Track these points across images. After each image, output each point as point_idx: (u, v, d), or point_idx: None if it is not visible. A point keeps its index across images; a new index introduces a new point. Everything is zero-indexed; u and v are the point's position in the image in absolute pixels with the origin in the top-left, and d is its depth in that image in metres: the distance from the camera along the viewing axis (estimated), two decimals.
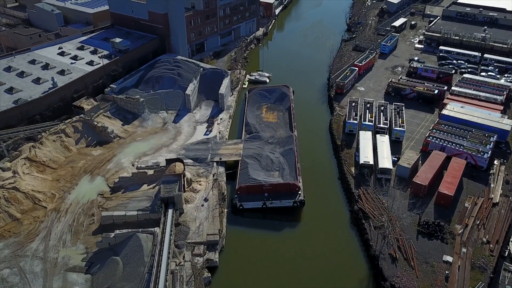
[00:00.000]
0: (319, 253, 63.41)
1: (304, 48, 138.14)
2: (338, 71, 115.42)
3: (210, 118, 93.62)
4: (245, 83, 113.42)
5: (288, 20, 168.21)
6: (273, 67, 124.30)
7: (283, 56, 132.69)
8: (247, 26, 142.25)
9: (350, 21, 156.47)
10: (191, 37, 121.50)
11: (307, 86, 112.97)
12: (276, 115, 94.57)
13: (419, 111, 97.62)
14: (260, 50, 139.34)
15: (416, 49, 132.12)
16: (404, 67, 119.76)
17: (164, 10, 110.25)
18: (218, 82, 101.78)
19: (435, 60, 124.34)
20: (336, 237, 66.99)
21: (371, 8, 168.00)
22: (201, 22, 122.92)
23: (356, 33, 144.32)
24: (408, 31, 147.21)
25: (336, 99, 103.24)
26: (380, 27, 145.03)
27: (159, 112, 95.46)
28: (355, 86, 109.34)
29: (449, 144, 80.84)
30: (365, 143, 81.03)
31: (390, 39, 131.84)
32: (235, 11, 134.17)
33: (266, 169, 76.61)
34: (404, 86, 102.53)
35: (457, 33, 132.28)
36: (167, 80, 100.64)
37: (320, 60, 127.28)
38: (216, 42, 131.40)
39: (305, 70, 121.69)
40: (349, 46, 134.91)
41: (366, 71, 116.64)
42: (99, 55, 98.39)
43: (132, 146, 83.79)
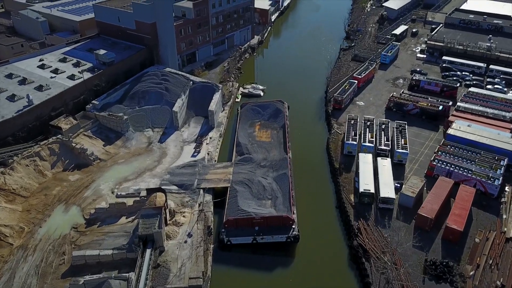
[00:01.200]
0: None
1: (301, 57, 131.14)
2: (336, 84, 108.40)
3: (198, 137, 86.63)
4: (238, 97, 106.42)
5: (285, 26, 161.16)
6: (268, 78, 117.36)
7: (279, 66, 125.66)
8: (241, 34, 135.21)
9: (349, 29, 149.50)
10: (182, 47, 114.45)
11: (303, 99, 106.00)
12: (269, 134, 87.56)
13: (422, 129, 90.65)
14: (255, 59, 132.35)
15: (418, 59, 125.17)
16: (405, 79, 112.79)
17: (151, 20, 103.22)
18: (208, 97, 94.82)
19: (438, 71, 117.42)
20: (334, 277, 60.05)
21: (370, 15, 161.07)
22: (192, 31, 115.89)
23: (355, 42, 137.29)
24: (409, 39, 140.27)
25: (334, 115, 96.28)
26: (380, 35, 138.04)
27: (144, 130, 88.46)
28: (354, 100, 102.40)
29: (456, 168, 73.94)
30: (365, 168, 74.10)
31: (391, 48, 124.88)
32: (228, 19, 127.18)
33: (257, 197, 69.63)
34: (406, 102, 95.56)
35: (461, 42, 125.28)
36: (154, 95, 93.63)
37: (317, 70, 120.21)
38: (208, 52, 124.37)
39: (302, 82, 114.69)
40: (348, 55, 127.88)
41: (366, 83, 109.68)
42: (80, 70, 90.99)
43: (113, 170, 76.74)
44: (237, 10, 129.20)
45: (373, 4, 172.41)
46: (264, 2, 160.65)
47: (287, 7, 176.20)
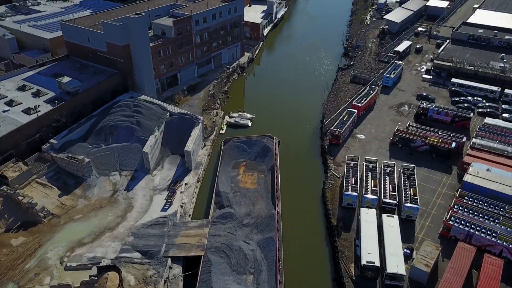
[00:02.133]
0: None
1: (295, 76, 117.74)
2: (334, 112, 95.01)
3: (172, 183, 73.22)
4: (223, 128, 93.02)
5: (278, 41, 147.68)
6: (258, 103, 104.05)
7: (271, 87, 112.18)
8: (229, 52, 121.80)
9: (347, 44, 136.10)
10: (161, 69, 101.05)
11: (296, 130, 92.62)
12: (256, 178, 74.12)
13: (433, 171, 77.33)
14: (245, 79, 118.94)
15: (424, 80, 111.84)
16: (411, 105, 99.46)
17: (124, 42, 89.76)
18: (187, 132, 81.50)
19: (446, 95, 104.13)
20: None
21: (370, 28, 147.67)
22: (172, 51, 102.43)
23: (354, 60, 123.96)
24: (413, 56, 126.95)
25: (331, 151, 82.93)
26: (382, 52, 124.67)
27: (110, 173, 75.04)
28: (353, 132, 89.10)
29: (477, 229, 60.63)
30: (368, 229, 60.78)
31: (394, 69, 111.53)
32: (214, 36, 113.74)
33: (237, 271, 56.21)
34: (413, 137, 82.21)
35: (471, 61, 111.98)
36: (124, 131, 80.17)
37: (313, 93, 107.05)
38: (192, 73, 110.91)
39: (295, 107, 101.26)
40: (347, 76, 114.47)
41: (367, 111, 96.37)
42: (34, 106, 77.06)
43: (67, 230, 63.36)
44: (224, 26, 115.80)
45: (373, 16, 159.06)
46: (256, 14, 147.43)
47: (281, 18, 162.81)
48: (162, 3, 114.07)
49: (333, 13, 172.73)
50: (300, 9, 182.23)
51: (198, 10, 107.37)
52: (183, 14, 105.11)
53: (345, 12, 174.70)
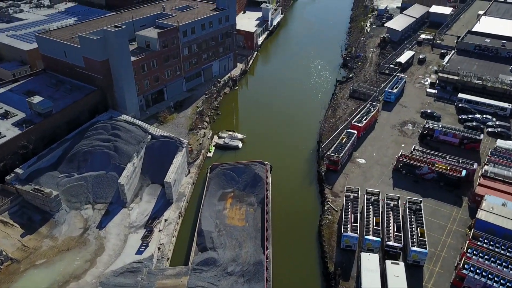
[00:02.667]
0: None
1: (291, 90, 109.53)
2: (331, 133, 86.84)
3: (150, 220, 64.99)
4: (211, 150, 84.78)
5: (274, 50, 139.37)
6: (250, 121, 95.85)
7: (264, 103, 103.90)
8: (221, 64, 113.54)
9: (346, 54, 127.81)
10: (145, 85, 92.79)
11: (291, 152, 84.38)
12: (244, 213, 65.92)
13: (441, 203, 69.13)
14: (238, 93, 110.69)
15: (428, 94, 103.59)
16: (415, 123, 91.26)
17: (102, 57, 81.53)
18: (169, 157, 73.41)
19: (453, 112, 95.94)
20: None
21: (371, 36, 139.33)
22: (158, 65, 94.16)
23: (353, 71, 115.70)
24: (416, 67, 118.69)
25: (328, 179, 74.75)
26: (383, 64, 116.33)
27: (82, 207, 66.89)
28: (353, 155, 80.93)
29: (495, 281, 52.44)
30: (370, 278, 52.59)
31: (396, 82, 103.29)
32: (204, 48, 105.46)
33: None
34: (419, 164, 73.99)
35: (479, 75, 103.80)
36: (99, 158, 71.98)
37: (309, 109, 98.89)
38: (179, 88, 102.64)
39: (290, 126, 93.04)
40: (345, 90, 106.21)
41: (368, 131, 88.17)
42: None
43: (26, 279, 55.23)
44: (215, 36, 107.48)
45: (373, 23, 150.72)
46: (250, 22, 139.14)
47: (277, 26, 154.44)
48: (148, 12, 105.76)
49: (332, 20, 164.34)
50: (297, 15, 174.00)
51: (186, 20, 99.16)
52: (169, 25, 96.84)
53: (344, 18, 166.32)
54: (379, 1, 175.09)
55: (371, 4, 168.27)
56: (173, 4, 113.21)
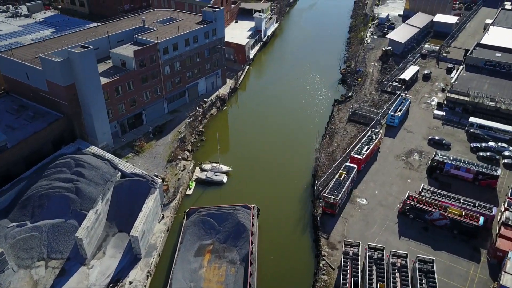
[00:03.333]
0: None
1: (284, 111, 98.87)
2: (328, 165, 76.24)
3: (112, 283, 54.27)
4: (191, 185, 74.04)
5: (267, 63, 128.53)
6: (238, 149, 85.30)
7: (255, 126, 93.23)
8: (208, 82, 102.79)
9: (345, 69, 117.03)
10: (120, 109, 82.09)
11: (282, 188, 73.73)
12: (223, 274, 55.19)
13: (456, 257, 58.50)
14: (227, 112, 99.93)
15: (435, 117, 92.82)
16: (422, 153, 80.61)
17: (67, 81, 70.83)
18: (140, 200, 62.79)
19: (464, 139, 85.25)
20: None
21: (371, 48, 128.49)
22: (135, 86, 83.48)
23: (353, 89, 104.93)
24: (421, 84, 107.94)
25: (324, 225, 64.09)
26: (385, 81, 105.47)
27: (34, 264, 56.23)
28: (352, 194, 70.28)
29: None
30: None
31: (400, 103, 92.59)
32: (188, 65, 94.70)
33: None
34: (429, 209, 63.32)
35: (492, 96, 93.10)
36: (57, 202, 61.27)
37: (304, 133, 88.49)
38: (160, 110, 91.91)
39: (282, 155, 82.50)
40: (344, 112, 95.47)
41: (369, 162, 77.52)
42: None
43: None
44: (200, 52, 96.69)
45: (374, 33, 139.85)
46: (242, 33, 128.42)
47: (272, 36, 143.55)
48: (126, 25, 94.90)
49: (330, 29, 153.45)
50: (294, 23, 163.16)
51: (168, 35, 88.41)
52: (148, 41, 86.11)
53: (343, 27, 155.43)
54: (380, 9, 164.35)
55: (371, 12, 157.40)
56: (156, 16, 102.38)
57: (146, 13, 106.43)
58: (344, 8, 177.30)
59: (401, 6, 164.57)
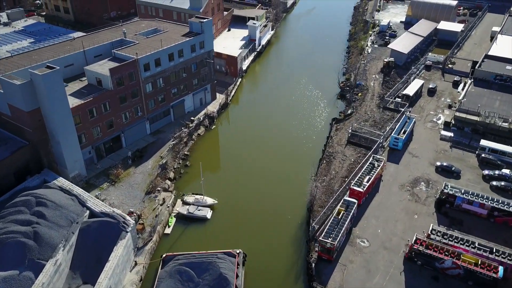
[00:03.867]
0: None
1: (278, 130, 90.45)
2: (325, 199, 67.77)
3: None
4: (170, 222, 65.52)
5: (262, 75, 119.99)
6: (225, 176, 76.81)
7: (245, 148, 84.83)
8: (196, 98, 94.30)
9: (344, 82, 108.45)
10: (95, 133, 73.60)
11: (273, 226, 65.28)
12: None
13: None
14: (217, 131, 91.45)
15: (442, 138, 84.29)
16: (429, 182, 72.11)
17: (30, 106, 62.34)
18: (109, 246, 54.27)
19: (475, 164, 76.76)
20: None
21: (372, 59, 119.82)
22: (112, 107, 74.99)
23: (352, 105, 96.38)
24: (425, 99, 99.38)
25: (319, 273, 55.66)
26: (387, 97, 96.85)
27: None
28: (352, 233, 61.80)
29: None
30: None
31: (404, 123, 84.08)
32: (173, 81, 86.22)
33: None
34: (439, 255, 54.83)
35: (505, 116, 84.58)
36: (12, 250, 52.51)
37: (299, 156, 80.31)
38: (142, 131, 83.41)
39: (274, 182, 74.11)
40: (343, 132, 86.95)
41: (371, 193, 69.03)
42: None
43: None
44: (187, 67, 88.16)
45: (374, 42, 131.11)
46: (234, 42, 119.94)
47: (267, 44, 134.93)
48: (106, 38, 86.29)
49: (328, 36, 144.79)
50: (290, 31, 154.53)
51: (150, 50, 79.95)
52: (127, 57, 77.60)
53: (342, 35, 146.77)
54: (381, 15, 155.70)
55: (371, 19, 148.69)
56: (139, 27, 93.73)
57: (129, 24, 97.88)
58: (344, 14, 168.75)
59: (403, 12, 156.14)
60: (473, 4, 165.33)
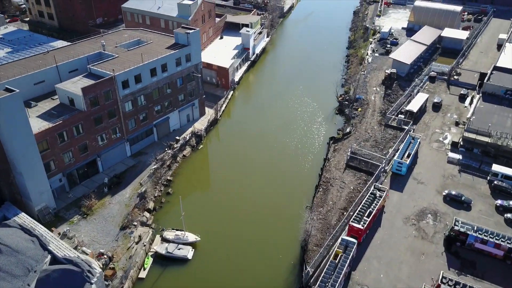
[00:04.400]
0: None
1: (271, 150, 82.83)
2: (320, 237, 60.09)
3: None
4: (146, 264, 57.81)
5: (255, 86, 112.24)
6: (210, 207, 69.01)
7: (234, 172, 77.21)
8: (183, 115, 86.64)
9: (343, 96, 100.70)
10: (66, 159, 65.95)
11: (262, 267, 57.66)
12: None
13: None
14: (204, 151, 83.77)
15: (450, 161, 76.55)
16: (437, 214, 64.43)
17: None
18: None
19: (486, 192, 69.07)
20: None
21: (373, 69, 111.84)
22: (85, 130, 67.28)
23: (352, 123, 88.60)
24: (430, 115, 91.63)
25: None
26: (389, 115, 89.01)
27: None
28: (351, 278, 54.10)
29: None
30: None
31: (408, 145, 76.35)
32: (156, 98, 78.53)
33: None
34: None
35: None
36: None
37: (293, 183, 72.48)
38: (121, 154, 75.75)
39: (266, 214, 66.53)
40: (341, 153, 79.23)
41: (372, 229, 61.33)
42: None
43: None
44: (172, 82, 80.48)
45: (375, 50, 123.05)
46: (226, 51, 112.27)
47: (262, 52, 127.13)
48: (83, 51, 78.51)
49: (327, 44, 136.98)
50: (286, 37, 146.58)
51: (130, 64, 72.43)
52: (104, 73, 69.87)
53: (340, 42, 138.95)
54: (382, 20, 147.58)
55: (372, 25, 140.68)
56: (121, 38, 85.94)
57: (111, 34, 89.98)
58: (343, 19, 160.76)
59: (405, 17, 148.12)
60: (477, 8, 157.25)
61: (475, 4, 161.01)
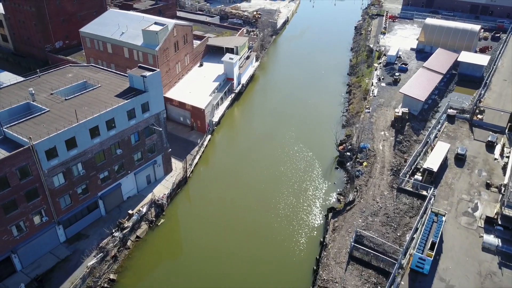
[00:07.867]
0: None
1: (251, 231, 63.09)
2: None
3: None
4: None
5: (239, 127, 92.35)
6: None
7: (204, 261, 57.47)
8: (141, 177, 66.79)
9: (344, 145, 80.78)
10: None
11: None
12: None
13: None
14: (166, 225, 63.93)
15: (485, 248, 56.81)
16: None
17: None
18: None
19: None
20: None
21: (379, 105, 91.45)
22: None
23: (356, 188, 68.61)
24: (453, 171, 71.71)
25: None
26: (403, 176, 68.82)
27: None
28: None
29: None
30: None
31: (430, 227, 56.53)
32: (100, 164, 58.62)
33: None
34: None
35: None
36: None
37: (280, 277, 52.90)
38: (51, 241, 55.94)
39: None
40: (342, 233, 59.34)
41: None
42: None
43: None
44: (123, 140, 60.55)
45: (381, 78, 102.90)
46: (205, 84, 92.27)
47: (250, 80, 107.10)
48: (10, 99, 58.59)
49: (324, 67, 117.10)
50: (279, 59, 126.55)
51: (62, 123, 52.50)
52: (21, 141, 50.06)
53: (341, 66, 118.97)
54: (387, 39, 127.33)
55: (376, 45, 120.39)
56: (64, 79, 65.89)
57: (55, 71, 69.85)
58: (343, 37, 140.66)
59: (413, 35, 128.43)
60: (493, 24, 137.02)
61: (490, 19, 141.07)
